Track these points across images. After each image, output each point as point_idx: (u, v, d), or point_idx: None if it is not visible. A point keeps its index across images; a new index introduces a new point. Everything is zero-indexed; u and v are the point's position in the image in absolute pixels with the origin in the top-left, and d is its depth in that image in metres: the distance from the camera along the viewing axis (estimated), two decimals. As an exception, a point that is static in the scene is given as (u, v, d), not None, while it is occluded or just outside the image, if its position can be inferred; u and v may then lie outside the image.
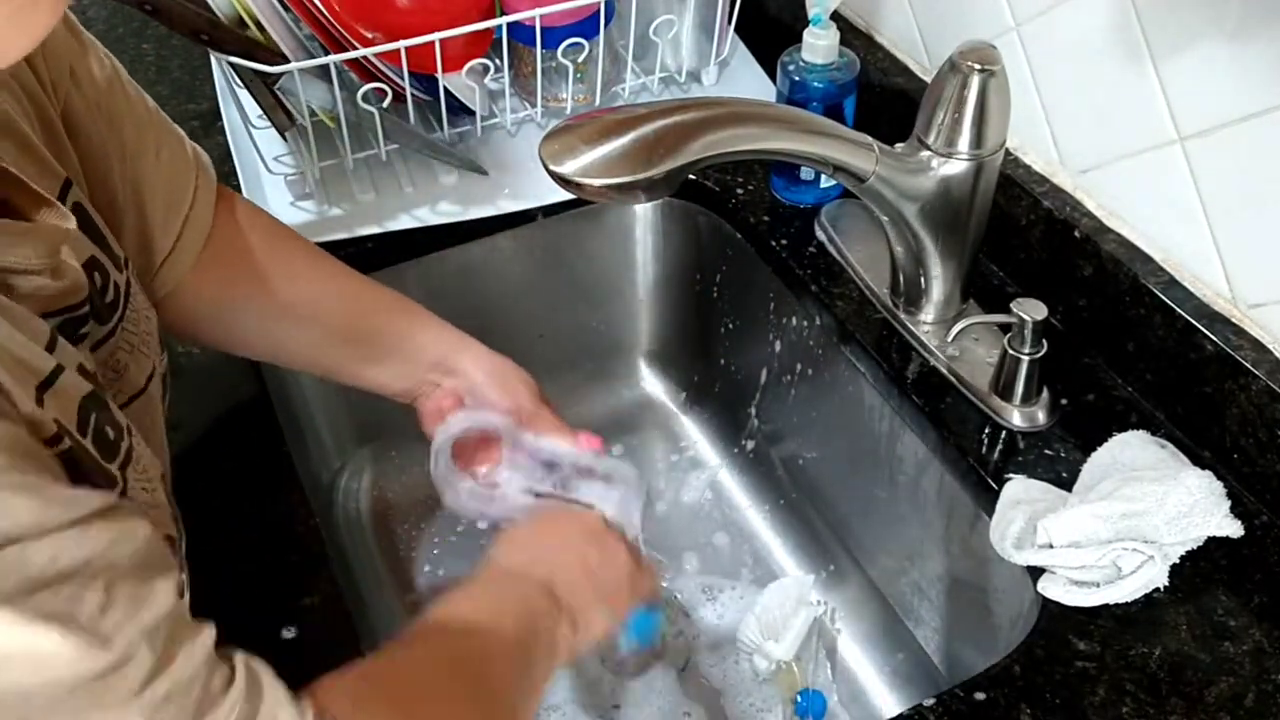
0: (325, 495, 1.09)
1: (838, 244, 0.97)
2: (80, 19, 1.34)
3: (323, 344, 0.81)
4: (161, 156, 0.71)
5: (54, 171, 0.59)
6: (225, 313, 0.78)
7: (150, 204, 0.70)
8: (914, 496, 0.91)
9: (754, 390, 1.09)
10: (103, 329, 0.60)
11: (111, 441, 0.54)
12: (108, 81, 0.67)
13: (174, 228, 0.72)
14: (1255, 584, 0.73)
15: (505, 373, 0.82)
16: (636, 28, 1.06)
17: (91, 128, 0.64)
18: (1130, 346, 0.84)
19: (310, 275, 0.81)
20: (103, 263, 0.60)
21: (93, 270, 0.59)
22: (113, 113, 0.67)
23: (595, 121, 0.70)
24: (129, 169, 0.68)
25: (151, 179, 0.70)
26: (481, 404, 0.81)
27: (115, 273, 0.61)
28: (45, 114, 0.61)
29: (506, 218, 1.02)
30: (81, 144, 0.63)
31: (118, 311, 0.61)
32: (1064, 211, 0.87)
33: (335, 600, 0.74)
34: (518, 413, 0.81)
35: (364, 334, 0.81)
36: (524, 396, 0.81)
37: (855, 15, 1.07)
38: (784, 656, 0.94)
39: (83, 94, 0.64)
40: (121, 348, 0.62)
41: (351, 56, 0.92)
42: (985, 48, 0.78)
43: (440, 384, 0.82)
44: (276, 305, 0.79)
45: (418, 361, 0.82)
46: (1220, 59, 0.74)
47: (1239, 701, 0.67)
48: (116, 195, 0.66)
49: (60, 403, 0.50)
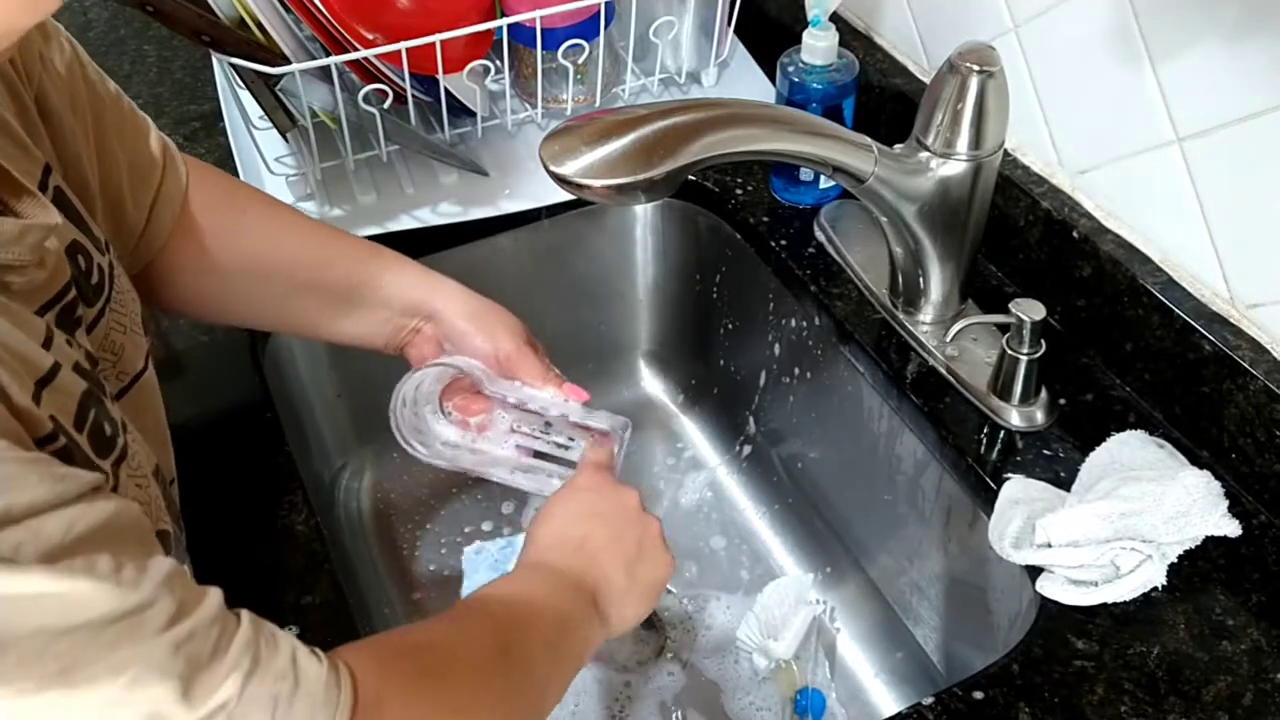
0: (326, 494, 1.09)
1: (837, 244, 0.97)
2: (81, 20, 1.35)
3: (293, 296, 0.80)
4: (125, 139, 0.70)
5: (34, 156, 0.59)
6: (197, 279, 0.77)
7: (119, 185, 0.70)
8: (913, 496, 0.91)
9: (753, 390, 1.09)
10: (92, 311, 0.60)
11: (108, 438, 0.55)
12: (69, 67, 0.66)
13: (144, 206, 0.72)
14: (1253, 583, 0.73)
15: (484, 314, 0.81)
16: (636, 29, 1.06)
17: (61, 111, 0.64)
18: (1128, 346, 0.84)
19: (273, 228, 0.79)
20: (85, 246, 0.60)
21: (76, 254, 0.59)
22: (75, 97, 0.66)
23: (595, 122, 0.70)
24: (95, 152, 0.67)
25: (118, 160, 0.69)
26: (461, 349, 0.79)
27: (98, 255, 0.61)
28: (21, 99, 0.61)
29: (507, 218, 1.03)
30: (53, 128, 0.63)
31: (104, 294, 0.61)
32: (1062, 212, 0.87)
33: (335, 600, 0.74)
34: (496, 356, 0.79)
35: (332, 283, 0.80)
36: (503, 339, 0.80)
37: (854, 16, 1.08)
38: (783, 655, 0.94)
39: (51, 79, 0.64)
40: (114, 328, 0.62)
41: (352, 58, 0.92)
42: (984, 49, 0.78)
43: (421, 329, 0.81)
44: (243, 263, 0.77)
45: (392, 307, 0.80)
46: (1218, 60, 0.74)
47: (1237, 700, 0.67)
48: (88, 179, 0.66)
49: (59, 399, 0.50)
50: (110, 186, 0.69)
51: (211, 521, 0.73)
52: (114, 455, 0.55)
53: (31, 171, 0.58)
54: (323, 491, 1.08)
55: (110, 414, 0.56)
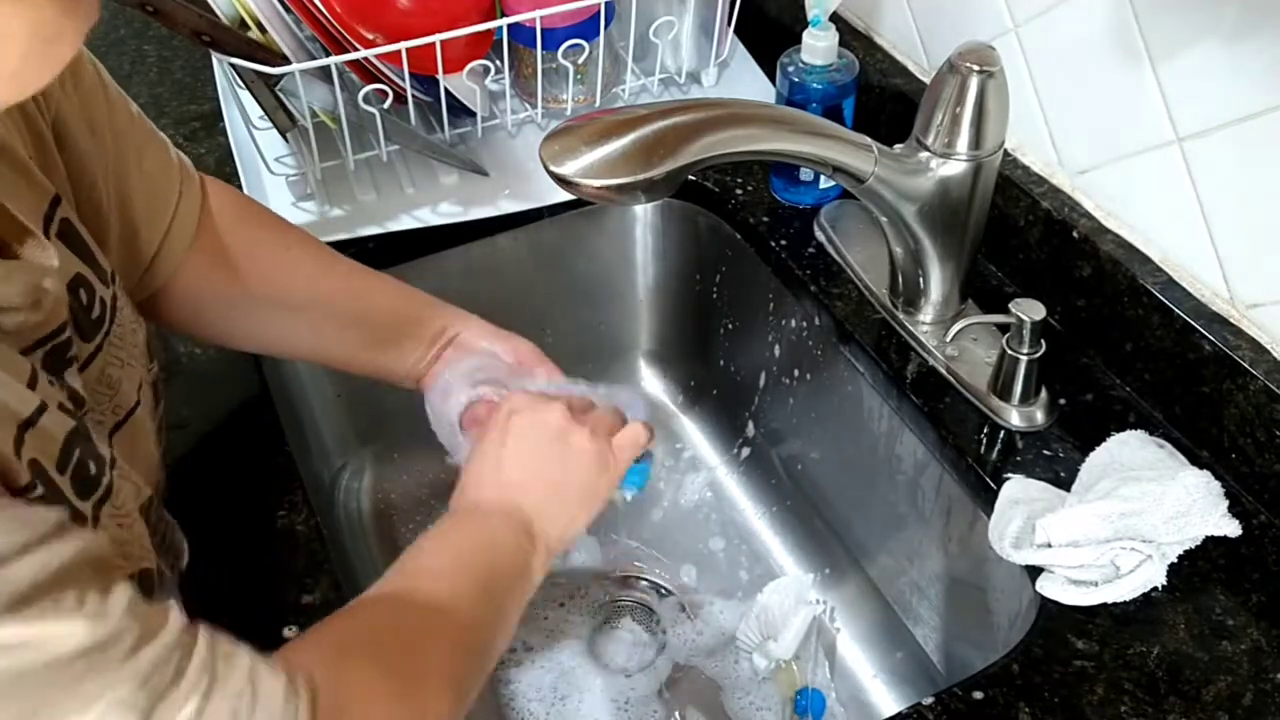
0: (326, 495, 1.09)
1: (837, 244, 0.98)
2: (82, 20, 1.34)
3: (322, 330, 0.81)
4: (144, 162, 0.70)
5: (43, 187, 0.59)
6: (218, 306, 0.77)
7: (135, 209, 0.69)
8: (913, 496, 0.91)
9: (753, 390, 1.09)
10: (89, 346, 0.59)
11: (92, 477, 0.54)
12: (90, 89, 0.66)
13: (159, 230, 0.72)
14: (1253, 583, 0.73)
15: (502, 333, 0.83)
16: (636, 29, 1.06)
17: (78, 135, 0.64)
18: (1128, 346, 0.84)
19: (302, 262, 0.80)
20: (89, 280, 0.60)
21: (78, 288, 0.58)
22: (94, 120, 0.66)
23: (595, 122, 0.70)
24: (113, 175, 0.67)
25: (135, 184, 0.69)
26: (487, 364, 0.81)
27: (101, 288, 0.61)
28: (36, 127, 0.60)
29: (507, 218, 1.03)
30: (68, 153, 0.63)
31: (103, 328, 0.61)
32: (1062, 212, 0.87)
33: (335, 600, 0.74)
34: (517, 359, 0.82)
35: (361, 316, 0.81)
36: (521, 346, 0.83)
37: (854, 16, 1.08)
38: (783, 655, 0.94)
39: (70, 101, 0.64)
40: (111, 363, 0.61)
41: (352, 58, 0.92)
42: (984, 49, 0.79)
43: (441, 358, 0.82)
44: (270, 293, 0.78)
45: (419, 338, 0.82)
46: (1218, 60, 0.74)
47: (1237, 700, 0.67)
48: (102, 203, 0.66)
49: (40, 442, 0.50)
50: (126, 210, 0.69)
51: (212, 522, 0.73)
52: (97, 495, 0.55)
53: (37, 205, 0.57)
54: (323, 491, 1.08)
55: (97, 451, 0.55)
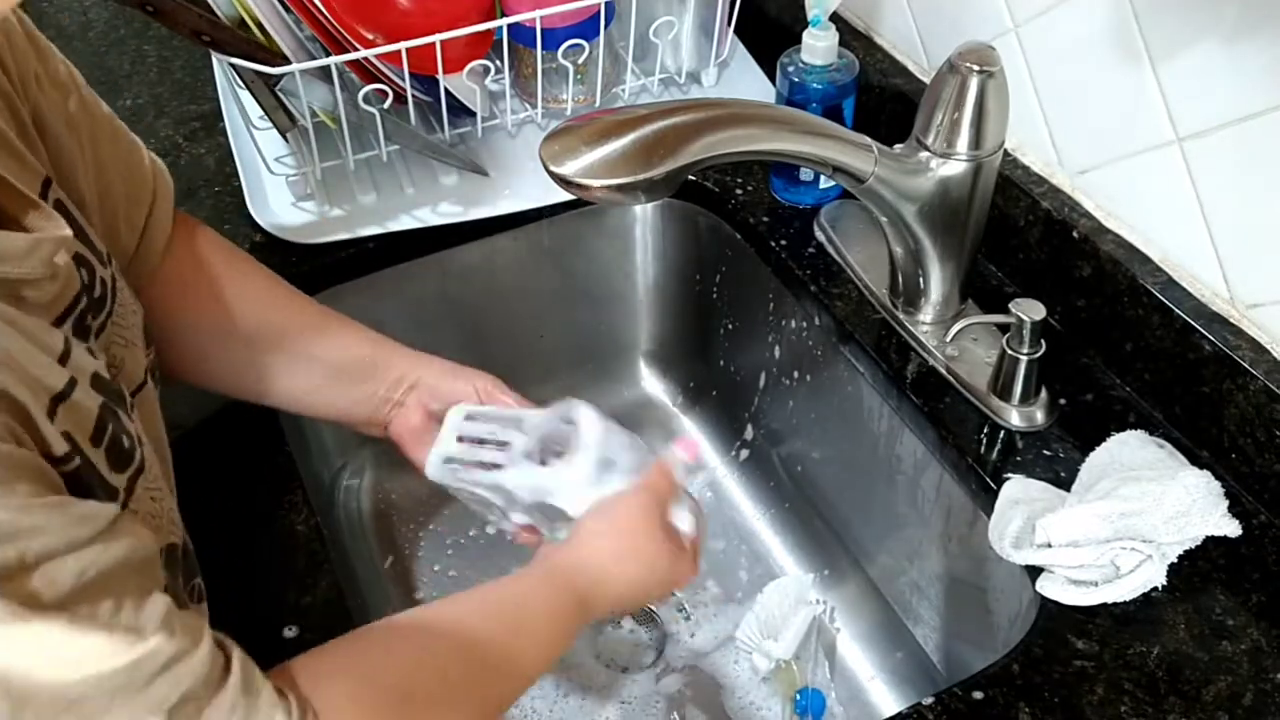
0: (326, 495, 1.09)
1: (837, 244, 0.97)
2: (81, 20, 1.35)
3: (284, 369, 0.79)
4: (119, 160, 0.71)
5: (34, 169, 0.59)
6: (178, 333, 0.76)
7: (115, 205, 0.70)
8: (913, 496, 0.91)
9: (753, 390, 1.09)
10: (96, 323, 0.60)
11: (126, 451, 0.55)
12: (64, 88, 0.66)
13: (137, 227, 0.72)
14: (1253, 583, 0.73)
15: (462, 369, 0.83)
16: (636, 29, 1.06)
17: (58, 129, 0.64)
18: (1128, 346, 0.84)
19: (250, 291, 0.79)
20: (89, 259, 0.60)
21: (80, 266, 0.59)
22: (71, 117, 0.66)
23: (595, 122, 0.70)
24: (90, 173, 0.68)
25: (113, 181, 0.70)
26: (446, 402, 0.81)
27: (100, 268, 0.61)
28: (18, 114, 0.61)
29: (507, 218, 1.03)
30: (50, 144, 0.64)
31: (107, 306, 0.61)
32: (1062, 212, 0.87)
33: (335, 600, 0.74)
34: (477, 393, 0.82)
35: (321, 357, 0.80)
36: (481, 380, 0.83)
37: (854, 16, 1.08)
38: (783, 655, 0.94)
39: (46, 98, 0.64)
40: (115, 341, 0.62)
41: (352, 58, 0.92)
42: (984, 49, 0.79)
43: (404, 403, 0.82)
44: (233, 329, 0.77)
45: (380, 380, 0.81)
46: (1218, 60, 0.74)
47: (1237, 700, 0.67)
48: (85, 196, 0.67)
49: (75, 416, 0.51)
50: (106, 205, 0.69)
51: (212, 522, 0.73)
52: (132, 469, 0.55)
53: (32, 183, 0.58)
54: (323, 491, 1.08)
55: (127, 427, 0.56)
